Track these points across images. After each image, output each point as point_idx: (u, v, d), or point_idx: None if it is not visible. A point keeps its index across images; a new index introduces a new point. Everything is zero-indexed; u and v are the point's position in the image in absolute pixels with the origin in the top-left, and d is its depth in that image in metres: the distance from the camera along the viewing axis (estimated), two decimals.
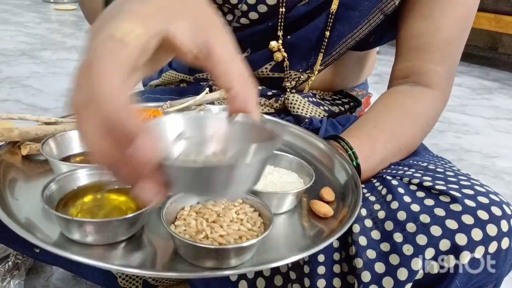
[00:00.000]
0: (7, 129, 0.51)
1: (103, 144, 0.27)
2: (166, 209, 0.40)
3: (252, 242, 0.38)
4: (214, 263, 0.38)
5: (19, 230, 0.38)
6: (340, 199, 0.50)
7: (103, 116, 0.26)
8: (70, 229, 0.39)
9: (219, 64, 0.30)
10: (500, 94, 2.22)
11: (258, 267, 0.41)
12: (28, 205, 0.44)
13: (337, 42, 0.68)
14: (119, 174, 0.28)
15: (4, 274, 0.73)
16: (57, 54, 2.17)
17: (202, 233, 0.39)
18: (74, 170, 0.44)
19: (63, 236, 0.40)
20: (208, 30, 0.31)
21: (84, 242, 0.39)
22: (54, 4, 3.45)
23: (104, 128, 0.26)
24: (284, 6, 0.65)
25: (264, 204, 0.43)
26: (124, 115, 0.26)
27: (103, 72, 0.26)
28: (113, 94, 0.25)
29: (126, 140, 0.25)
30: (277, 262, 0.39)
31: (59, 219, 0.39)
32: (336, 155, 0.56)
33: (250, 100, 0.31)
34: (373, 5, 0.64)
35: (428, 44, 0.63)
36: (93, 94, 0.26)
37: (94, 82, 0.26)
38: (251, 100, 0.32)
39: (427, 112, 0.64)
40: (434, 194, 0.48)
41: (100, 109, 0.26)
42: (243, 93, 0.31)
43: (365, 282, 0.46)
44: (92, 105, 0.26)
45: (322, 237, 0.44)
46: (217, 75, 0.31)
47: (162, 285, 0.62)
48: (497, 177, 1.38)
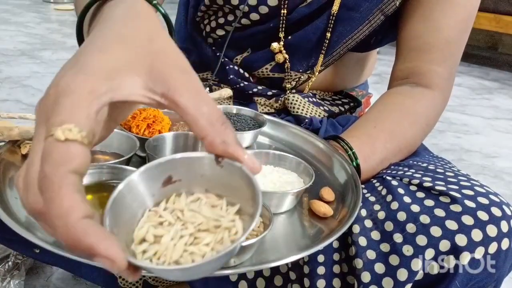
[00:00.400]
0: (7, 128, 0.50)
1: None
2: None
3: (252, 242, 0.38)
4: None
5: (19, 229, 0.38)
6: (340, 199, 0.50)
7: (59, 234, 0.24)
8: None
9: (186, 114, 0.29)
10: (500, 94, 2.22)
11: (257, 266, 0.40)
12: None
13: (338, 43, 0.68)
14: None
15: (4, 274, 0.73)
16: (57, 54, 2.17)
17: None
18: None
19: None
20: (168, 77, 0.29)
21: None
22: (54, 4, 3.45)
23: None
24: (286, 7, 0.65)
25: (263, 204, 0.42)
26: (78, 233, 0.24)
27: (56, 191, 0.24)
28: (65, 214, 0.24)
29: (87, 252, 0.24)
30: (277, 262, 0.39)
31: None
32: (335, 155, 0.56)
33: (229, 143, 0.29)
34: (374, 6, 0.64)
35: (429, 45, 0.63)
36: (48, 212, 0.24)
37: (47, 199, 0.24)
38: (230, 142, 0.30)
39: (427, 113, 0.64)
40: (434, 194, 0.48)
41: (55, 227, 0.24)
42: (219, 138, 0.29)
43: (365, 282, 0.46)
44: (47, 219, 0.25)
45: (321, 237, 0.44)
46: (188, 123, 0.29)
47: (162, 285, 0.62)
48: (497, 177, 1.38)
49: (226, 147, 0.29)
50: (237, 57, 0.72)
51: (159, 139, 0.52)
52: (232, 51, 0.72)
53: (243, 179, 0.30)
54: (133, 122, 0.54)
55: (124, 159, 0.48)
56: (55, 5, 3.43)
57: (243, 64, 0.72)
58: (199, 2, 0.71)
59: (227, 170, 0.31)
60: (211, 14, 0.72)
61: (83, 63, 0.28)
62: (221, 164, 0.31)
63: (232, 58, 0.73)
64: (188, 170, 0.31)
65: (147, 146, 0.49)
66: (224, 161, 0.31)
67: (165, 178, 0.31)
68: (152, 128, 0.54)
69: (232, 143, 0.30)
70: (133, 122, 0.54)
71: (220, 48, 0.72)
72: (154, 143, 0.51)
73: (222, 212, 0.31)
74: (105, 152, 0.52)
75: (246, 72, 0.73)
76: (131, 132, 0.53)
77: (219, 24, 0.71)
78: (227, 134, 0.30)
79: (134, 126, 0.53)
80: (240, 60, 0.72)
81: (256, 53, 0.71)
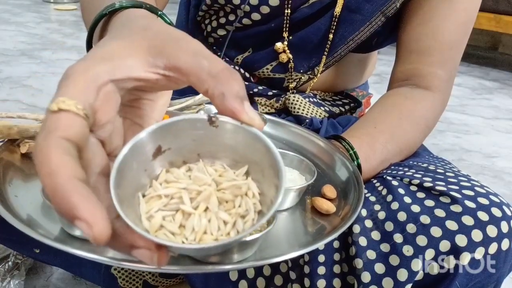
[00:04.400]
0: (6, 127, 0.50)
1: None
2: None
3: (256, 237, 0.37)
4: (217, 258, 0.37)
5: (22, 227, 0.38)
6: (342, 196, 0.50)
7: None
8: (71, 225, 0.38)
9: (189, 75, 0.28)
10: (500, 94, 2.22)
11: (260, 261, 0.40)
12: (28, 202, 0.44)
13: (340, 44, 0.68)
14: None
15: (4, 274, 0.73)
16: (57, 54, 2.17)
17: None
18: None
19: (64, 233, 0.40)
20: (166, 48, 0.29)
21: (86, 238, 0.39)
22: (54, 4, 3.45)
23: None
24: (290, 7, 0.65)
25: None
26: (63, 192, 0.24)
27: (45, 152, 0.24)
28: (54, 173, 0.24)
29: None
30: (279, 257, 0.39)
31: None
32: (337, 153, 0.56)
33: (227, 96, 0.27)
34: (376, 9, 0.64)
35: (429, 48, 0.64)
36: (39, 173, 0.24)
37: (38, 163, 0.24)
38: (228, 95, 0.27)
39: (427, 114, 0.64)
40: (434, 195, 0.48)
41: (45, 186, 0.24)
42: (217, 90, 0.27)
43: (365, 282, 0.46)
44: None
45: (324, 234, 0.44)
46: (195, 86, 0.28)
47: (162, 285, 0.62)
48: (497, 177, 1.38)
49: (222, 100, 0.27)
50: (238, 57, 0.72)
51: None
52: (233, 51, 0.72)
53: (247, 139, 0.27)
54: None
55: None
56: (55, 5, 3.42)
57: (244, 64, 0.72)
58: (200, 2, 0.71)
59: (224, 131, 0.28)
60: (212, 14, 0.72)
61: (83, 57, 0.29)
62: (215, 124, 0.28)
63: (233, 58, 0.73)
64: (177, 136, 0.29)
65: None
66: (220, 121, 0.28)
67: (154, 148, 0.29)
68: None
69: (230, 96, 0.27)
70: None
71: (221, 48, 0.72)
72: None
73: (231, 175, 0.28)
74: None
75: (247, 72, 0.73)
76: None
77: (220, 24, 0.71)
78: (229, 86, 0.27)
79: None
80: (240, 60, 0.72)
81: (257, 53, 0.71)
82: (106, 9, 0.41)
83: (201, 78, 0.28)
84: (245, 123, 0.28)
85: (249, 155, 0.29)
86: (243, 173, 0.29)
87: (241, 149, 0.29)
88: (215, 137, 0.29)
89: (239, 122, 0.28)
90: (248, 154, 0.29)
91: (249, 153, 0.29)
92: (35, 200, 0.43)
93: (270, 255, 0.40)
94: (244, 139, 0.28)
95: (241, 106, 0.27)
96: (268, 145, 0.27)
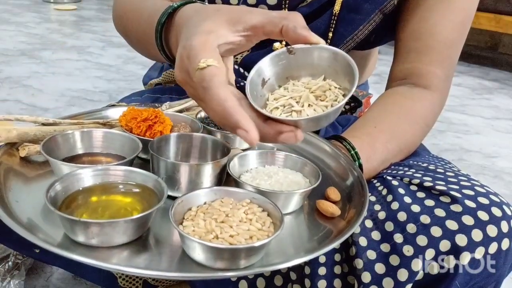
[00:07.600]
0: (6, 130, 0.50)
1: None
2: (174, 210, 0.40)
3: (264, 242, 0.37)
4: (225, 264, 0.37)
5: (23, 232, 0.38)
6: (346, 198, 0.50)
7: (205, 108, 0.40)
8: (75, 231, 0.38)
9: (265, 26, 0.39)
10: (500, 94, 2.22)
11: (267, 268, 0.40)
12: (28, 206, 0.43)
13: (339, 43, 0.67)
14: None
15: (4, 274, 0.73)
16: (57, 54, 2.17)
17: (212, 234, 0.38)
18: (78, 171, 0.43)
19: (65, 237, 0.40)
20: (241, 16, 0.40)
21: (89, 244, 0.38)
22: (54, 4, 3.45)
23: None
24: (287, 6, 0.65)
25: (273, 204, 0.42)
26: (230, 113, 0.36)
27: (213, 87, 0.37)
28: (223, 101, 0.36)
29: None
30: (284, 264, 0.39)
31: (64, 220, 0.38)
32: (340, 155, 0.56)
33: (297, 27, 0.38)
34: (375, 8, 0.64)
35: (427, 47, 0.64)
36: (205, 97, 0.37)
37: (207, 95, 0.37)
38: (297, 26, 0.38)
39: (426, 113, 0.64)
40: (434, 194, 0.48)
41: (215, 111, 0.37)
42: (291, 24, 0.38)
43: (365, 282, 0.46)
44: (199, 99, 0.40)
45: (330, 238, 0.43)
46: (272, 33, 0.39)
47: (162, 285, 0.62)
48: (497, 177, 1.38)
49: (295, 31, 0.38)
50: (237, 56, 0.72)
51: (162, 140, 0.52)
52: None
53: (319, 53, 0.40)
54: (135, 123, 0.53)
55: (127, 161, 0.48)
56: (55, 5, 3.42)
57: (243, 63, 0.72)
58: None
59: (300, 55, 0.41)
60: None
61: (190, 34, 0.40)
62: (292, 52, 0.40)
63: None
64: (273, 68, 0.42)
65: (150, 147, 0.48)
66: (296, 48, 0.40)
67: (261, 81, 0.42)
68: (153, 129, 0.54)
69: (300, 27, 0.39)
70: (135, 123, 0.54)
71: None
72: (158, 144, 0.51)
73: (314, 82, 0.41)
74: (107, 154, 0.52)
75: (247, 71, 0.73)
76: (132, 133, 0.53)
77: None
78: (297, 21, 0.39)
79: (135, 127, 0.53)
80: (240, 59, 0.72)
81: (256, 52, 0.71)
82: (168, 9, 0.52)
83: (275, 23, 0.39)
84: (313, 43, 0.40)
85: (322, 64, 0.41)
86: (321, 79, 0.41)
87: (316, 63, 0.41)
88: (295, 62, 0.41)
89: (308, 45, 0.40)
90: (321, 64, 0.41)
91: (322, 62, 0.41)
92: (36, 205, 0.43)
93: (276, 259, 0.40)
94: (318, 54, 0.41)
95: (309, 32, 0.39)
96: (335, 50, 0.40)
